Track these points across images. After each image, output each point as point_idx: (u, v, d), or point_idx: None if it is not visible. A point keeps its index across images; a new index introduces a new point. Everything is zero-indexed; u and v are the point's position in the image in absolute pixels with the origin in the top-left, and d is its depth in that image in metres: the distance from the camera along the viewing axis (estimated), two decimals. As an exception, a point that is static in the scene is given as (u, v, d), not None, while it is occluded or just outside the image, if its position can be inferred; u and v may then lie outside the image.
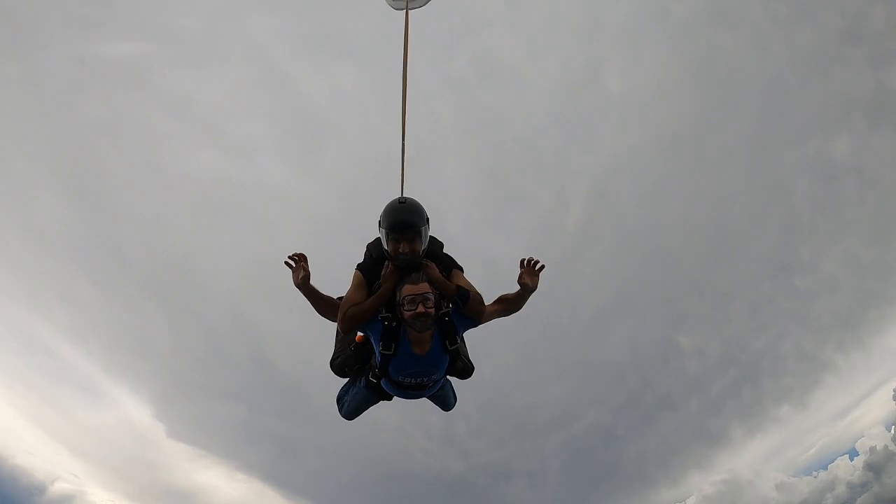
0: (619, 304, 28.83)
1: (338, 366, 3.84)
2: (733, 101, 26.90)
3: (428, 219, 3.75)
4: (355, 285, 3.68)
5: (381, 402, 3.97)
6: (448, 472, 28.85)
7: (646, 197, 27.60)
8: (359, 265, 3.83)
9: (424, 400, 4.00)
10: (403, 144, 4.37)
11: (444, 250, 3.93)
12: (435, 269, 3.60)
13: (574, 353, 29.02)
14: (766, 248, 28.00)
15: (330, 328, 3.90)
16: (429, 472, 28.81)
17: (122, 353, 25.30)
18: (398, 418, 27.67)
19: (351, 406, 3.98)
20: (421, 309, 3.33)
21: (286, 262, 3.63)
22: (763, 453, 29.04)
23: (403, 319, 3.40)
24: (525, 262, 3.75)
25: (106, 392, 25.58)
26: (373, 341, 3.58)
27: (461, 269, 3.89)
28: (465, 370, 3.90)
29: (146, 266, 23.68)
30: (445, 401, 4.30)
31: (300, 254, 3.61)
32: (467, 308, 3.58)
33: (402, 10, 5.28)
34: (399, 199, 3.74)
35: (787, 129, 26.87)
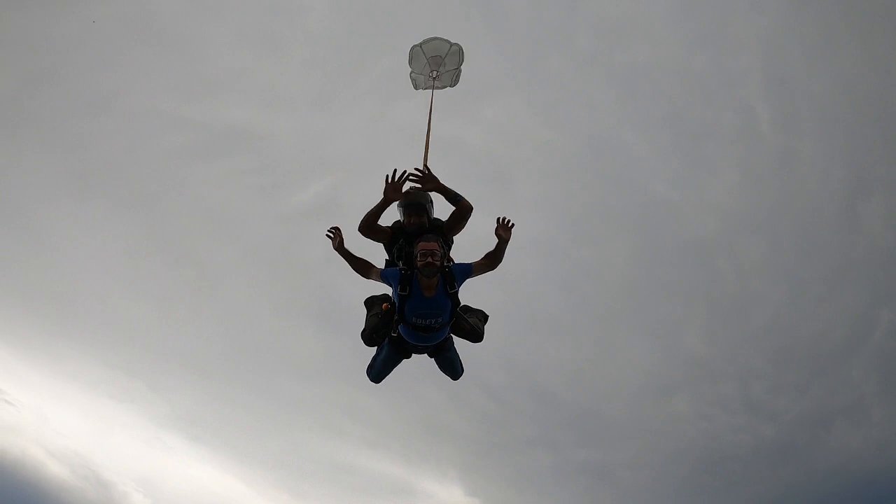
0: (859, 182, 23.48)
1: (367, 336, 4.81)
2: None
3: (431, 201, 5.02)
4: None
5: (403, 362, 4.91)
6: (763, 440, 25.76)
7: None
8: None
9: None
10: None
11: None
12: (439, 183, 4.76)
13: (834, 257, 24.15)
14: None
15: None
16: (744, 447, 26.12)
17: (418, 443, 27.53)
18: (688, 406, 26.02)
19: (377, 368, 4.96)
20: (430, 260, 4.42)
21: (327, 235, 4.77)
22: None
23: (416, 268, 4.50)
24: (499, 220, 4.65)
25: (415, 486, 27.19)
26: (393, 289, 4.69)
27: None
28: (474, 332, 4.88)
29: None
30: (453, 365, 5.09)
31: (335, 227, 4.78)
32: (460, 206, 4.71)
33: (428, 89, 6.26)
34: (410, 188, 4.95)
35: None
